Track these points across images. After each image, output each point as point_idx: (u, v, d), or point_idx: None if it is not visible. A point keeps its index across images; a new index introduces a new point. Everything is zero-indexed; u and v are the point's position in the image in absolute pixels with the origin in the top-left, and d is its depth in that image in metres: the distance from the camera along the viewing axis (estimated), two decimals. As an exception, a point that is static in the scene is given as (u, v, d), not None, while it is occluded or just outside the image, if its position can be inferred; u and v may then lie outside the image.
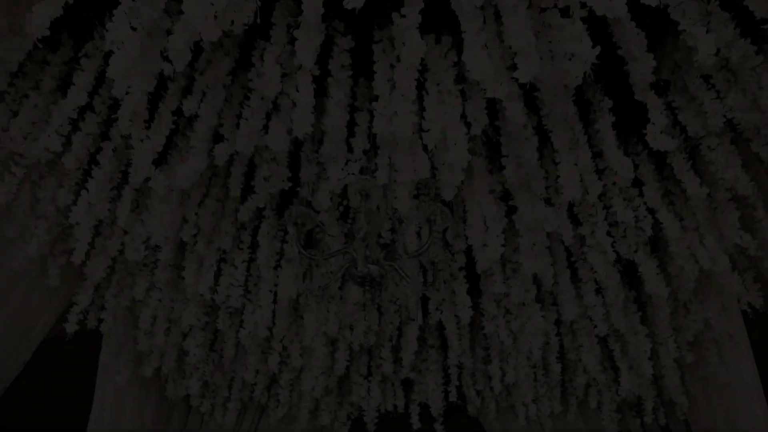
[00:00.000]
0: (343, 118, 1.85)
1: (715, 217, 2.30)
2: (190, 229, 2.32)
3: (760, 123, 1.91)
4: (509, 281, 2.54)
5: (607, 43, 1.76)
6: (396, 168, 1.99)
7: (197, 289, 2.46)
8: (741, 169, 2.09)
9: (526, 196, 2.13)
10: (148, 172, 2.01)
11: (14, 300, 2.43)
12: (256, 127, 1.85)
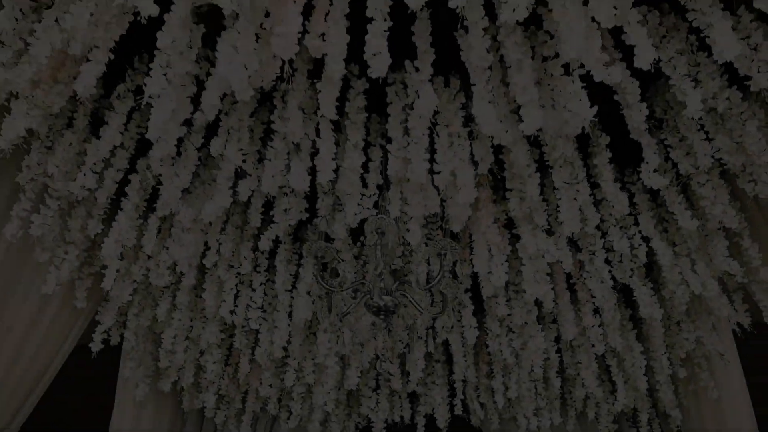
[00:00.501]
0: (359, 158, 1.99)
1: (705, 245, 2.45)
2: (212, 256, 2.46)
3: (745, 163, 2.06)
4: (512, 302, 2.69)
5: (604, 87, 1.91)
6: (407, 202, 2.15)
7: (218, 312, 2.59)
8: (729, 203, 2.24)
9: (529, 227, 2.28)
10: (176, 206, 2.16)
11: (45, 322, 2.57)
12: (279, 167, 1.99)
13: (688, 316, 2.82)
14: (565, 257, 2.32)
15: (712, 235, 2.41)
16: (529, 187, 2.13)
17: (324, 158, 1.81)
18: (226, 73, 1.58)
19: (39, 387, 2.60)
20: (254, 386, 3.29)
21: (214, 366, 2.93)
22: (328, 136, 1.85)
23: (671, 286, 2.52)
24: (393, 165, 1.96)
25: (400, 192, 2.15)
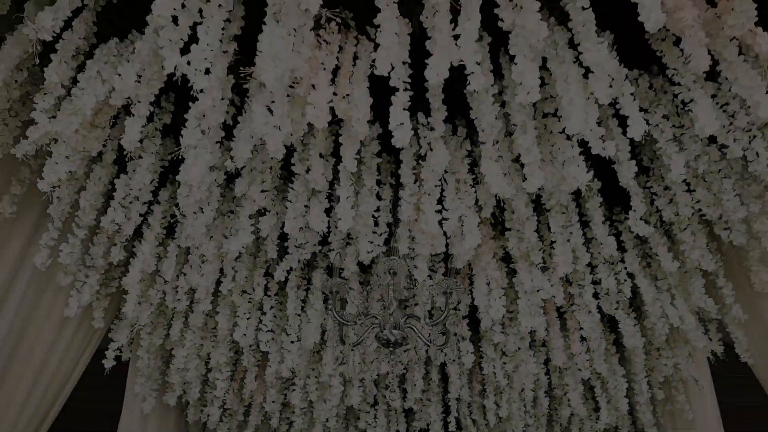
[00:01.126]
0: (374, 203, 2.16)
1: (684, 282, 2.67)
2: (228, 283, 2.61)
3: (722, 214, 2.27)
4: (506, 330, 2.88)
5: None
6: (415, 240, 2.32)
7: (233, 336, 2.74)
8: (706, 247, 2.46)
9: (526, 264, 2.47)
10: (200, 240, 2.30)
11: (63, 342, 2.68)
12: (299, 209, 2.15)
13: (667, 344, 3.05)
14: (557, 293, 2.52)
15: (690, 273, 2.64)
16: (527, 230, 2.33)
17: (344, 206, 1.97)
18: (260, 133, 1.73)
19: (56, 406, 2.72)
20: (258, 401, 3.43)
21: (222, 383, 3.07)
22: (347, 185, 2.01)
23: (652, 318, 2.74)
24: (405, 209, 2.13)
25: (409, 230, 2.33)
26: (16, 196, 2.32)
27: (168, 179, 2.62)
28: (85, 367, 2.91)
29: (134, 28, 2.11)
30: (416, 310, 2.57)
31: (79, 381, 2.89)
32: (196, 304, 2.74)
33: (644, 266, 2.76)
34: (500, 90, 2.10)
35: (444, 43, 1.62)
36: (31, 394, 2.53)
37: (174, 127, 2.32)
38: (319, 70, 1.75)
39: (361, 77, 1.90)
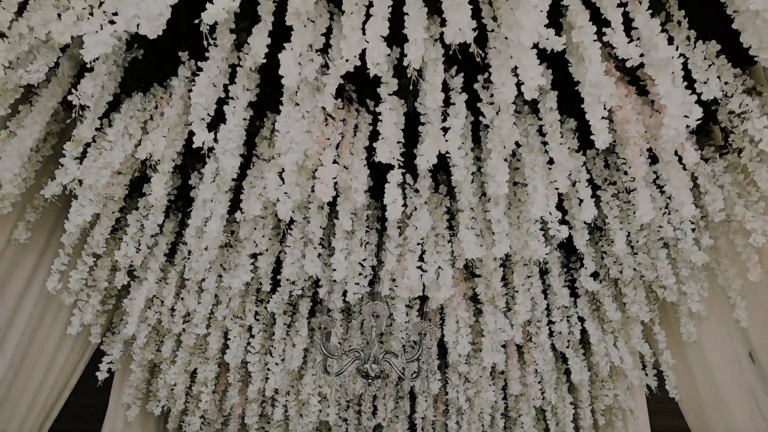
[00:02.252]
0: (363, 253, 2.45)
1: (626, 328, 3.07)
2: (223, 309, 2.85)
3: (659, 276, 2.66)
4: (470, 361, 3.22)
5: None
6: (396, 284, 2.62)
7: (224, 358, 2.98)
8: (644, 302, 2.85)
9: (491, 308, 2.82)
10: (203, 275, 2.55)
11: (61, 357, 2.87)
12: (297, 255, 2.42)
13: (609, 378, 3.45)
14: (517, 334, 2.87)
15: (631, 320, 3.03)
16: (493, 279, 2.67)
17: (338, 258, 2.26)
18: (272, 198, 2.00)
19: (56, 407, 2.91)
20: (237, 413, 3.67)
21: (207, 397, 3.31)
22: (342, 239, 2.30)
23: (597, 357, 3.13)
24: (389, 260, 2.43)
25: (391, 275, 2.63)
26: (30, 222, 2.51)
27: (171, 209, 2.84)
28: (80, 375, 3.10)
29: (156, 82, 2.35)
30: (393, 344, 2.88)
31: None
32: (189, 324, 2.97)
33: (593, 310, 3.15)
34: (478, 157, 2.44)
35: (434, 135, 1.93)
36: (36, 397, 2.73)
37: (182, 167, 2.55)
38: (327, 146, 2.03)
39: (360, 148, 2.19)
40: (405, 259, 2.32)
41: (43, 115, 2.06)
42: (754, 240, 2.27)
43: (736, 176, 2.45)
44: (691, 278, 2.65)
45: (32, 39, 1.70)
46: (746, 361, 2.72)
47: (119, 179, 2.23)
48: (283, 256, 2.49)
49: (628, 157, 1.99)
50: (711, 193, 2.31)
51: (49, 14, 1.73)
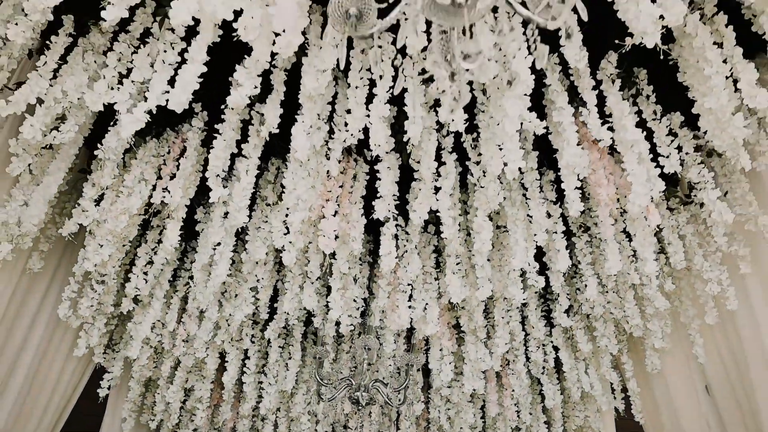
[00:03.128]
0: (357, 290, 2.65)
1: (597, 358, 3.32)
2: (222, 334, 3.03)
3: (625, 314, 2.91)
4: (452, 383, 3.45)
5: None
6: (386, 316, 2.83)
7: (222, 380, 3.16)
8: (613, 335, 3.11)
9: (473, 338, 3.04)
10: (207, 305, 2.72)
11: (67, 374, 3.02)
12: (295, 290, 2.61)
13: (581, 400, 3.70)
14: (496, 362, 3.10)
15: (601, 351, 3.28)
16: (476, 314, 2.89)
17: (335, 297, 2.46)
18: (278, 245, 2.19)
19: (63, 416, 3.08)
20: (229, 426, 3.84)
21: (202, 413, 3.47)
22: (339, 279, 2.49)
23: (570, 383, 3.38)
24: (380, 297, 2.64)
25: (381, 309, 2.84)
26: (43, 252, 2.66)
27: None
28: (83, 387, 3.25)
29: (168, 127, 2.52)
30: (381, 371, 3.09)
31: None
32: (188, 346, 3.14)
33: (567, 339, 3.39)
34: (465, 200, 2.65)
35: (427, 193, 2.14)
36: (47, 408, 2.88)
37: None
38: (329, 199, 2.23)
39: (358, 197, 2.39)
40: (396, 298, 2.53)
41: (66, 162, 2.22)
42: (710, 289, 2.53)
43: (698, 227, 2.71)
44: (655, 316, 2.91)
45: (66, 103, 1.86)
46: (703, 393, 2.99)
47: (134, 220, 2.40)
48: (281, 285, 2.69)
49: (599, 216, 2.23)
50: (673, 245, 2.56)
51: (80, 79, 1.90)
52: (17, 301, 2.56)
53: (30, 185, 2.19)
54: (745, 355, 2.62)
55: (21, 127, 1.83)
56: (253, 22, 1.46)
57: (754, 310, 2.57)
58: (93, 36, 2.02)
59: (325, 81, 1.73)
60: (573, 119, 1.93)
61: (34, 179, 2.22)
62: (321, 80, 1.72)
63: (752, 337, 2.57)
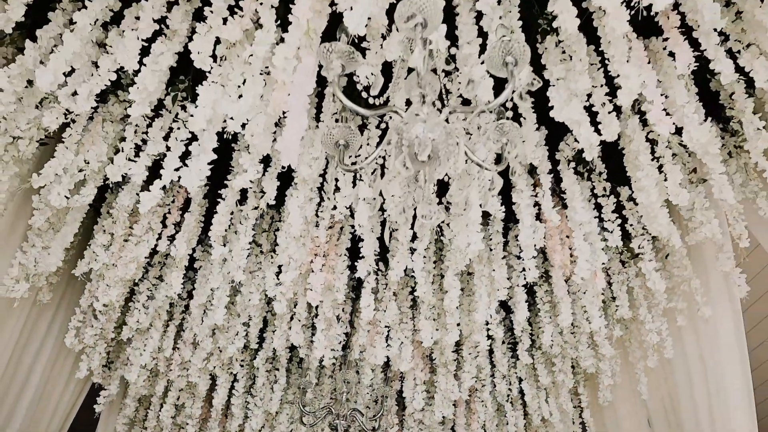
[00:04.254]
0: (340, 329, 2.94)
1: (556, 389, 3.66)
2: (214, 361, 3.30)
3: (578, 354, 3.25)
4: (425, 407, 3.76)
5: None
6: (365, 349, 3.13)
7: (213, 401, 3.43)
8: (570, 371, 3.44)
9: (444, 371, 3.35)
10: (203, 337, 2.99)
11: (67, 398, 3.27)
12: (284, 328, 2.89)
13: (542, 423, 4.05)
14: (464, 392, 3.42)
15: (560, 385, 3.62)
16: (446, 351, 3.20)
17: (319, 338, 2.74)
18: (270, 294, 2.47)
19: (64, 428, 3.31)
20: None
21: (192, 429, 3.73)
22: (323, 320, 2.78)
23: (531, 410, 3.72)
24: (360, 335, 2.93)
25: (361, 345, 3.13)
26: (52, 284, 2.90)
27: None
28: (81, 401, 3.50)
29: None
30: (359, 400, 3.39)
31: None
32: (183, 370, 3.40)
33: (529, 370, 3.73)
34: (440, 248, 2.96)
35: (404, 253, 2.44)
36: (51, 422, 3.12)
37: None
38: (317, 254, 2.51)
39: (343, 249, 2.68)
40: (375, 340, 2.83)
41: (81, 212, 2.47)
42: (650, 338, 2.88)
43: (645, 281, 3.05)
44: (606, 357, 3.25)
45: (89, 171, 2.12)
46: (646, 425, 3.35)
47: (140, 263, 2.66)
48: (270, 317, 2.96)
49: (553, 277, 2.55)
50: (620, 298, 2.90)
51: (101, 149, 2.16)
52: (27, 330, 2.80)
53: (47, 232, 2.44)
54: (678, 397, 2.98)
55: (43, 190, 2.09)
56: (259, 128, 1.74)
57: (687, 359, 2.92)
58: (111, 105, 2.28)
59: (318, 168, 2.01)
60: (531, 201, 2.25)
61: (51, 226, 2.46)
62: (314, 167, 2.01)
63: (684, 383, 2.92)
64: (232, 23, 1.73)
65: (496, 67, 1.34)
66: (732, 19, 2.03)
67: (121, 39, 1.82)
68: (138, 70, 1.75)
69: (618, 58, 1.79)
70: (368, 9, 1.50)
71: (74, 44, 1.67)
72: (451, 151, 1.32)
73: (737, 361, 2.75)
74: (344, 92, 1.34)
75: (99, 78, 1.75)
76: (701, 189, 2.46)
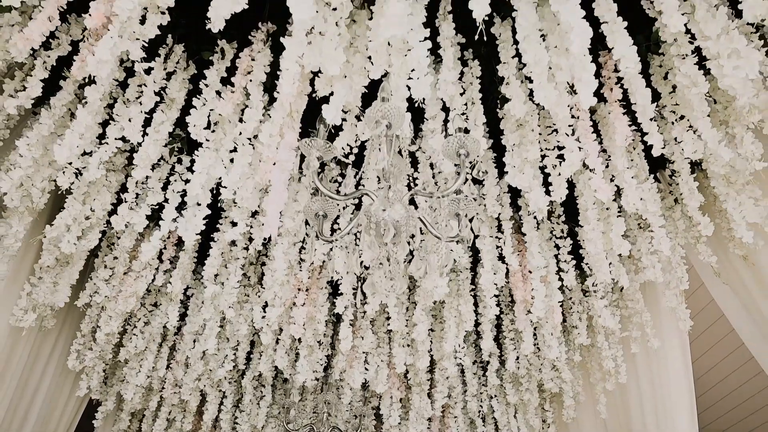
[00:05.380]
0: (322, 354, 3.19)
1: (524, 406, 3.94)
2: (206, 380, 3.53)
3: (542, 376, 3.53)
4: (402, 422, 4.02)
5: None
6: (345, 371, 3.38)
7: (203, 416, 3.66)
8: (536, 389, 3.72)
9: (418, 390, 3.61)
10: (195, 360, 3.23)
11: (68, 414, 3.49)
12: (270, 353, 3.14)
13: (512, 438, 4.33)
14: (437, 410, 3.68)
15: (527, 404, 3.90)
16: (420, 372, 3.46)
17: (302, 363, 2.99)
18: (258, 326, 2.72)
19: None
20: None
21: (182, 442, 3.97)
22: (306, 347, 3.03)
23: (501, 425, 3.99)
24: (340, 361, 3.18)
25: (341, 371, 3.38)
26: (55, 312, 3.12)
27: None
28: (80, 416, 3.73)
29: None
30: (339, 417, 3.65)
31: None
32: (175, 387, 3.64)
33: (499, 388, 4.00)
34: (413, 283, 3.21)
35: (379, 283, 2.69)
36: None
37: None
38: (300, 290, 2.76)
39: (324, 283, 2.93)
40: (353, 365, 3.08)
41: (86, 251, 2.69)
42: (606, 364, 3.15)
43: (603, 310, 3.33)
44: (567, 379, 3.52)
45: (95, 220, 2.35)
46: (605, 442, 3.63)
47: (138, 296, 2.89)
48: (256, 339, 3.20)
49: (515, 311, 2.81)
50: (579, 327, 3.17)
51: (105, 198, 2.40)
52: (33, 354, 3.03)
53: (55, 268, 2.66)
54: (632, 419, 3.26)
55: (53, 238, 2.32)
56: (248, 192, 1.99)
57: (640, 383, 3.20)
58: (114, 156, 2.51)
59: (300, 221, 2.26)
60: (492, 246, 2.51)
61: (58, 262, 2.69)
62: (297, 220, 2.26)
63: (636, 405, 3.20)
64: (224, 100, 1.97)
65: (451, 156, 1.60)
66: (669, 91, 2.30)
67: (125, 108, 2.05)
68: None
69: (563, 132, 2.06)
70: (344, 99, 1.76)
71: (86, 119, 1.91)
72: (411, 229, 1.58)
73: (684, 387, 3.03)
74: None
75: (107, 146, 1.98)
76: (648, 235, 2.73)
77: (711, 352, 3.78)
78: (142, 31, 1.68)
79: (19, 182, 2.03)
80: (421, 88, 1.58)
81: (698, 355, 3.82)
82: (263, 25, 2.21)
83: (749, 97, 1.68)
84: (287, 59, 1.59)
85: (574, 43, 1.49)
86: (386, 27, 1.45)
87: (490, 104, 2.39)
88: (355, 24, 1.91)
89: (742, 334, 2.67)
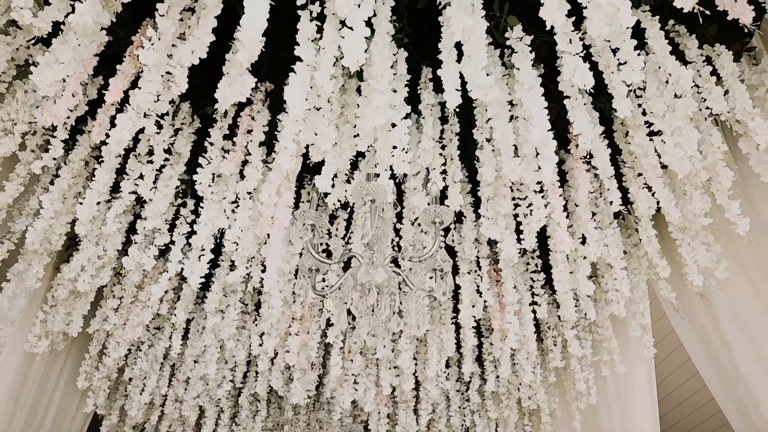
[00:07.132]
0: (314, 375, 3.42)
1: (504, 421, 4.19)
2: (204, 397, 3.76)
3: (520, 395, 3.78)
4: (390, 436, 4.27)
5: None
6: (335, 391, 3.61)
7: (201, 429, 3.89)
8: (516, 407, 3.97)
9: (404, 406, 3.86)
10: (195, 379, 3.45)
11: (77, 421, 3.71)
12: (266, 375, 3.37)
13: (494, 450, 4.58)
14: (422, 426, 3.93)
15: (507, 417, 4.16)
16: (405, 390, 3.70)
17: (296, 385, 3.22)
18: (255, 353, 2.95)
19: None
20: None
21: (182, 454, 4.20)
22: (300, 370, 3.26)
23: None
24: (331, 381, 3.42)
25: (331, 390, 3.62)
26: (67, 335, 3.34)
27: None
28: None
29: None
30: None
31: None
32: (176, 403, 3.86)
33: (481, 404, 4.25)
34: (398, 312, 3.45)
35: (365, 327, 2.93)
36: None
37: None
38: (294, 319, 2.99)
39: (317, 311, 3.16)
40: (343, 384, 3.32)
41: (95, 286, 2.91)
42: (578, 386, 3.41)
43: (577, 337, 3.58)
44: (546, 395, 3.78)
45: (106, 258, 2.57)
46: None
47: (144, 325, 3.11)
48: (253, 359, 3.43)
49: (493, 338, 3.05)
50: (554, 351, 3.42)
51: (116, 240, 2.62)
52: (45, 376, 3.24)
53: (68, 299, 2.88)
54: (602, 437, 3.52)
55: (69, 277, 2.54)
56: (248, 242, 2.22)
57: (609, 403, 3.46)
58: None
59: (295, 262, 2.49)
60: (471, 284, 2.75)
61: (71, 295, 2.90)
62: (292, 262, 2.49)
63: (606, 424, 3.46)
64: (227, 160, 2.20)
65: (426, 224, 1.84)
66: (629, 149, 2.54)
67: (137, 163, 2.28)
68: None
69: (531, 189, 2.30)
70: (335, 167, 1.99)
71: (104, 177, 2.12)
72: (393, 288, 1.82)
73: (648, 409, 3.29)
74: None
75: (121, 200, 2.21)
76: (613, 272, 2.98)
77: (674, 375, 4.05)
78: (155, 107, 1.90)
79: (42, 232, 2.25)
80: (402, 166, 1.82)
81: (663, 377, 4.09)
82: (261, 84, 2.44)
83: (685, 174, 1.91)
84: (284, 137, 1.82)
85: (533, 133, 1.72)
86: (372, 118, 1.67)
87: (470, 151, 2.63)
88: (345, 93, 2.14)
89: (697, 364, 2.92)
